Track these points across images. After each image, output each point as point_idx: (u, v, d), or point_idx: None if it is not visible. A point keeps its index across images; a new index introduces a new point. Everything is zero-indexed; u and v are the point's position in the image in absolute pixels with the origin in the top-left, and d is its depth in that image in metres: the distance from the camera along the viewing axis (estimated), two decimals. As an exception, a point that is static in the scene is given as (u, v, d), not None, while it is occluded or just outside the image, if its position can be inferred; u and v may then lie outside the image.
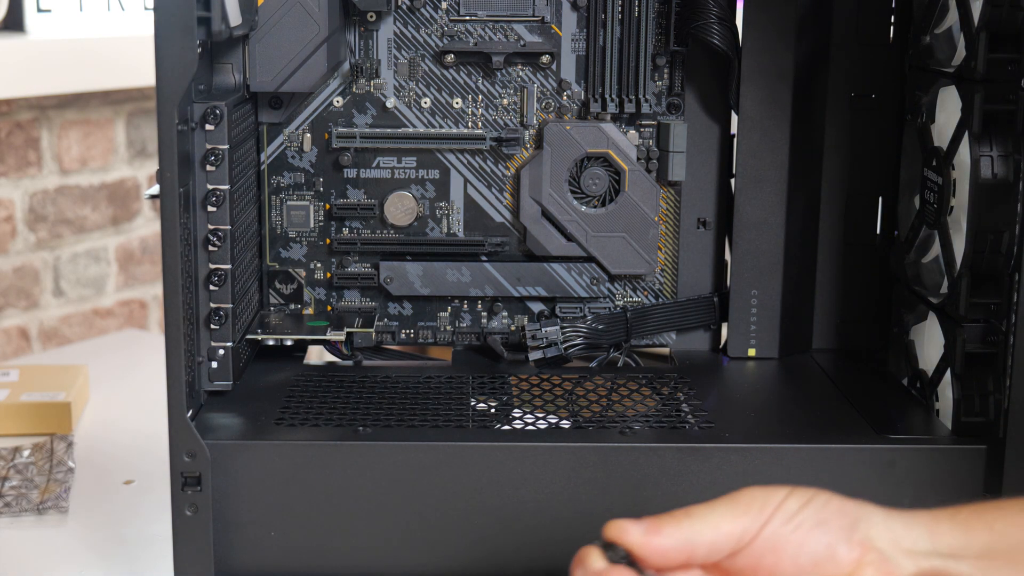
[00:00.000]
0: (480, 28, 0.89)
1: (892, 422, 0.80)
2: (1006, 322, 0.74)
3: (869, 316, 0.91)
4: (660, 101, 0.90)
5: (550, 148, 0.89)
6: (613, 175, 0.89)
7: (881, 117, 0.89)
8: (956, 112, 0.77)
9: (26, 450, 0.99)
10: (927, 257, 0.84)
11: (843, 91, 0.88)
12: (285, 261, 0.91)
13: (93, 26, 1.49)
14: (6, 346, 1.50)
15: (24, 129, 1.48)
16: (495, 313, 0.92)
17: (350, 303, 0.92)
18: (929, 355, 0.83)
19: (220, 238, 0.77)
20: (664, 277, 0.92)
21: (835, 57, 0.87)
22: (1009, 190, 0.74)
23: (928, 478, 0.75)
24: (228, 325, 0.78)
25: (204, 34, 0.72)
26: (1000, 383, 0.75)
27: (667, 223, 0.91)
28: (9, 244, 1.48)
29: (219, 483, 0.73)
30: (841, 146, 0.89)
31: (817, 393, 0.85)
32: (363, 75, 0.89)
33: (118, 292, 1.64)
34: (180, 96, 0.69)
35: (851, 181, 0.89)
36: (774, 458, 0.74)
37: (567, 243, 0.90)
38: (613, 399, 0.82)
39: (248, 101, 0.86)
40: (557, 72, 0.89)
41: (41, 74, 1.41)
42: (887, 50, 0.88)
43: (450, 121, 0.90)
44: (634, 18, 0.87)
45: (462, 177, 0.90)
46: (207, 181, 0.76)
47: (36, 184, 1.50)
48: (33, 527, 0.87)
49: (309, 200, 0.90)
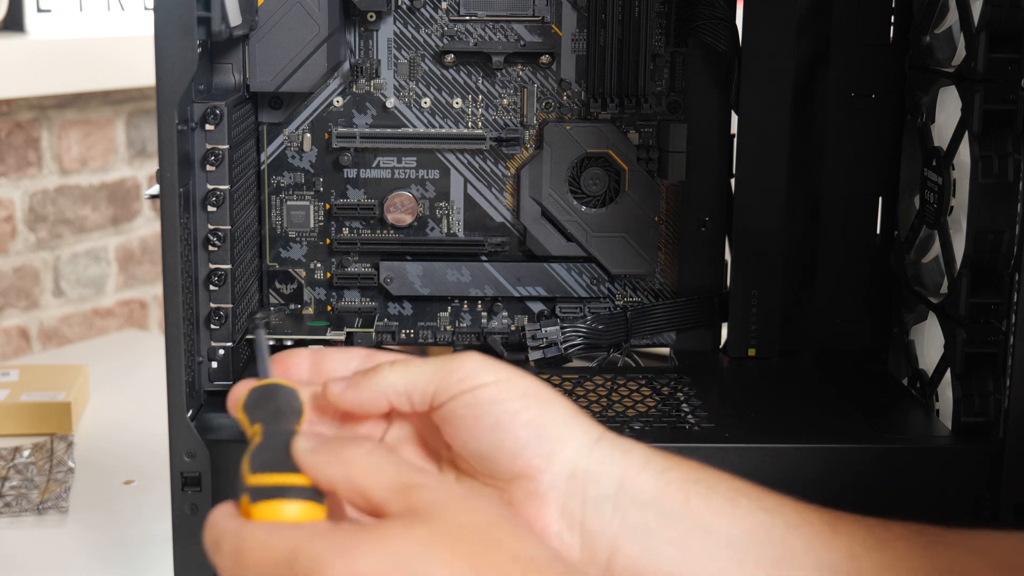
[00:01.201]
0: (480, 28, 0.89)
1: (892, 422, 0.80)
2: (1006, 322, 0.74)
3: (869, 316, 0.91)
4: (660, 101, 0.90)
5: (550, 148, 0.89)
6: (613, 175, 0.89)
7: (881, 117, 0.89)
8: (956, 112, 0.77)
9: (26, 450, 0.99)
10: (927, 257, 0.84)
11: (843, 91, 0.88)
12: (285, 261, 0.91)
13: (93, 26, 1.49)
14: (6, 346, 1.50)
15: (24, 129, 1.48)
16: (495, 313, 0.92)
17: (350, 303, 0.92)
18: (929, 355, 0.83)
19: (220, 238, 0.77)
20: (664, 277, 0.92)
21: (835, 57, 0.87)
22: (1009, 190, 0.74)
23: (928, 478, 0.75)
24: (228, 325, 0.78)
25: (204, 34, 0.72)
26: (1000, 383, 0.75)
27: (667, 223, 0.91)
28: (9, 244, 1.48)
29: (219, 483, 0.73)
30: (841, 146, 0.89)
31: (817, 393, 0.85)
32: (363, 75, 0.89)
33: (118, 292, 1.64)
34: (180, 96, 0.69)
35: (851, 181, 0.89)
36: (774, 458, 0.74)
37: (567, 243, 0.90)
38: (613, 399, 0.82)
39: (248, 101, 0.86)
40: (557, 72, 0.89)
41: (41, 74, 1.41)
42: (887, 50, 0.88)
43: (450, 121, 0.90)
44: (634, 18, 0.87)
45: (462, 177, 0.90)
46: (207, 181, 0.76)
47: (36, 184, 1.50)
48: (33, 527, 0.87)
49: (309, 200, 0.90)
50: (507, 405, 0.57)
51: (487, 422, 0.56)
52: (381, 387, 0.58)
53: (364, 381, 0.58)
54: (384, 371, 0.58)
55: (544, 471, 0.57)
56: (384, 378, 0.58)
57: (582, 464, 0.57)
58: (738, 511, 0.58)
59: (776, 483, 0.74)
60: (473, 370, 0.57)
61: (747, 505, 0.59)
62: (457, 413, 0.57)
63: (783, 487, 0.75)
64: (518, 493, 0.57)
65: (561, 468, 0.57)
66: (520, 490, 0.57)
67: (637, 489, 0.57)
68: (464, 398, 0.57)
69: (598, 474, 0.57)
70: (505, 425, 0.56)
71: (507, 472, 0.57)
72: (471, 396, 0.57)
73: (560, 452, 0.57)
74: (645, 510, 0.57)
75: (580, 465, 0.57)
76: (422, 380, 0.57)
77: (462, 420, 0.57)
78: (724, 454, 0.74)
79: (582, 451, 0.57)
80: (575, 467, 0.57)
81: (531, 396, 0.57)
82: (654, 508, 0.57)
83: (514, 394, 0.57)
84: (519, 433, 0.57)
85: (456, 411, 0.57)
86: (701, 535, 0.58)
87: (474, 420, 0.57)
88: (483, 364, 0.57)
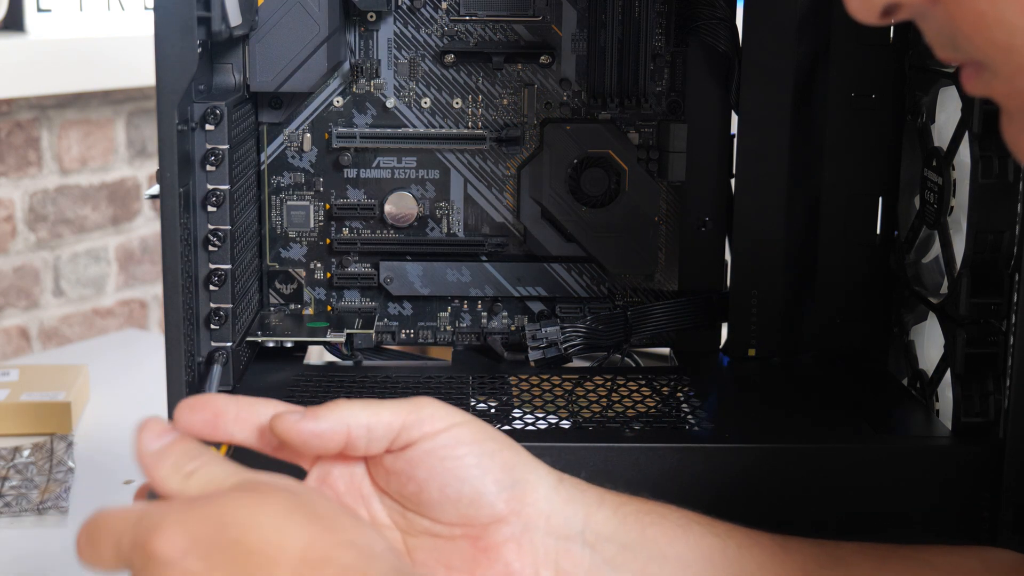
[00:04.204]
0: (480, 28, 0.89)
1: (892, 422, 0.80)
2: (1006, 322, 0.74)
3: (869, 316, 0.91)
4: (660, 101, 0.90)
5: (550, 148, 0.89)
6: (613, 175, 0.89)
7: (881, 117, 0.89)
8: (956, 112, 0.77)
9: (26, 450, 0.99)
10: (927, 257, 0.84)
11: (843, 91, 0.88)
12: (285, 261, 0.91)
13: (93, 26, 1.49)
14: (6, 346, 1.50)
15: (24, 129, 1.48)
16: (495, 313, 0.92)
17: (350, 303, 0.92)
18: (929, 355, 0.83)
19: (220, 238, 0.77)
20: (664, 277, 0.92)
21: (835, 57, 0.87)
22: (1009, 190, 0.74)
23: (928, 478, 0.75)
24: (228, 325, 0.78)
25: (204, 34, 0.72)
26: (1000, 383, 0.75)
27: (667, 223, 0.91)
28: (9, 244, 1.48)
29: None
30: (841, 146, 0.89)
31: (817, 393, 0.85)
32: (363, 75, 0.89)
33: (118, 292, 1.64)
34: (180, 96, 0.69)
35: (851, 181, 0.89)
36: (774, 458, 0.74)
37: (567, 243, 0.90)
38: (613, 399, 0.82)
39: (248, 101, 0.86)
40: (557, 72, 0.89)
41: (41, 74, 1.41)
42: (887, 50, 0.88)
43: (450, 121, 0.90)
44: (634, 18, 0.87)
45: (462, 177, 0.90)
46: (207, 181, 0.76)
47: (36, 184, 1.50)
48: (33, 527, 0.87)
49: (309, 200, 0.90)
50: (485, 445, 0.57)
51: (468, 462, 0.57)
52: (343, 418, 0.56)
53: (324, 412, 0.56)
54: (345, 404, 0.56)
55: (519, 513, 0.58)
56: (347, 409, 0.56)
57: (551, 505, 0.59)
58: (691, 537, 0.61)
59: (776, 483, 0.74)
60: (440, 411, 0.57)
61: (698, 531, 0.61)
62: (436, 454, 0.56)
63: (783, 487, 0.75)
64: (496, 537, 0.58)
65: (535, 509, 0.58)
66: (497, 534, 0.58)
67: (599, 525, 0.60)
68: (440, 438, 0.56)
69: (565, 513, 0.59)
70: (485, 466, 0.57)
71: (486, 516, 0.58)
72: (447, 436, 0.57)
73: (532, 494, 0.58)
74: (608, 544, 0.59)
75: (551, 506, 0.59)
76: (386, 416, 0.56)
77: (440, 461, 0.57)
78: (724, 454, 0.74)
79: (550, 492, 0.59)
80: (547, 508, 0.59)
81: (499, 439, 0.58)
82: (616, 541, 0.60)
83: (486, 436, 0.58)
84: (498, 475, 0.58)
85: (434, 451, 0.56)
86: (659, 562, 0.60)
87: (454, 461, 0.57)
88: (445, 407, 0.57)
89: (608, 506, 0.60)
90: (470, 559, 0.58)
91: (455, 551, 0.58)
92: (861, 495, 0.74)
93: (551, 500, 0.59)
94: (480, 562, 0.58)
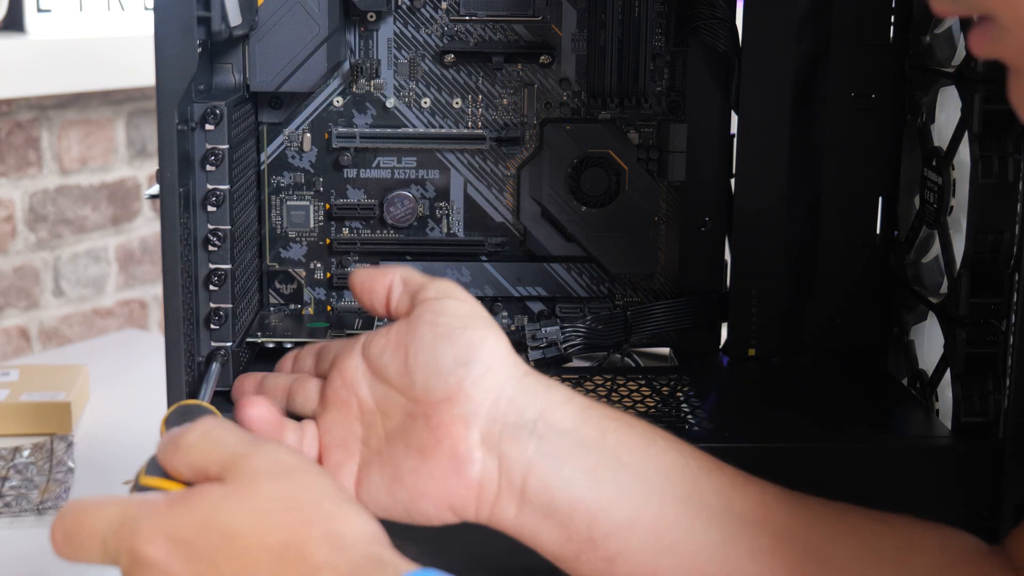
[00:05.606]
0: (480, 28, 0.89)
1: (892, 422, 0.80)
2: (1006, 322, 0.74)
3: (869, 316, 0.91)
4: (660, 101, 0.90)
5: (550, 148, 0.89)
6: (613, 175, 0.89)
7: (881, 117, 0.89)
8: (956, 112, 0.77)
9: (26, 450, 0.99)
10: (927, 257, 0.84)
11: (843, 91, 0.88)
12: (285, 261, 0.91)
13: (93, 26, 1.49)
14: (6, 346, 1.50)
15: (24, 129, 1.48)
16: (495, 313, 0.92)
17: (350, 303, 0.92)
18: (929, 355, 0.83)
19: (220, 238, 0.77)
20: (664, 277, 0.92)
21: (835, 57, 0.87)
22: (1009, 190, 0.74)
23: (928, 478, 0.75)
24: (228, 325, 0.78)
25: (204, 34, 0.72)
26: (1000, 383, 0.75)
27: (667, 223, 0.91)
28: (9, 244, 1.48)
29: (219, 483, 0.73)
30: (841, 146, 0.89)
31: (817, 393, 0.85)
32: (363, 75, 0.89)
33: (118, 292, 1.64)
34: (180, 96, 0.69)
35: (851, 181, 0.89)
36: (774, 458, 0.74)
37: (567, 243, 0.90)
38: (613, 399, 0.82)
39: (248, 101, 0.86)
40: (557, 72, 0.89)
41: (41, 74, 1.41)
42: (887, 50, 0.88)
43: (450, 121, 0.90)
44: (634, 18, 0.87)
45: (462, 177, 0.90)
46: (207, 181, 0.76)
47: (36, 184, 1.50)
48: (33, 527, 0.87)
49: (309, 200, 0.90)
50: (462, 320, 0.61)
51: (439, 331, 0.60)
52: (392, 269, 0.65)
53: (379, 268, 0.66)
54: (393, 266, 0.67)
55: (471, 396, 0.60)
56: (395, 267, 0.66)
57: (508, 392, 0.60)
58: (653, 449, 0.62)
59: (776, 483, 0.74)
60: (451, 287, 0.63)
61: (662, 445, 0.62)
62: (422, 318, 0.61)
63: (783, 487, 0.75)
64: (445, 416, 0.60)
65: (487, 394, 0.60)
66: (446, 412, 0.60)
67: (556, 420, 0.61)
68: (432, 304, 0.62)
69: (521, 403, 0.60)
70: (453, 339, 0.60)
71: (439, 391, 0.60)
72: (437, 304, 0.62)
73: (490, 378, 0.60)
74: (562, 438, 0.60)
75: (506, 392, 0.60)
76: (418, 277, 0.64)
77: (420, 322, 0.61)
78: (724, 454, 0.74)
79: (510, 380, 0.61)
80: (500, 394, 0.60)
81: (483, 319, 0.62)
82: (571, 437, 0.60)
83: (471, 314, 0.62)
84: (459, 351, 0.60)
85: (421, 314, 0.61)
86: (614, 466, 0.60)
87: (429, 326, 0.61)
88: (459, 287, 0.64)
89: (573, 406, 0.62)
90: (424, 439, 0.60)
91: (415, 431, 0.60)
92: (861, 495, 0.74)
93: (508, 387, 0.61)
94: (428, 442, 0.60)
